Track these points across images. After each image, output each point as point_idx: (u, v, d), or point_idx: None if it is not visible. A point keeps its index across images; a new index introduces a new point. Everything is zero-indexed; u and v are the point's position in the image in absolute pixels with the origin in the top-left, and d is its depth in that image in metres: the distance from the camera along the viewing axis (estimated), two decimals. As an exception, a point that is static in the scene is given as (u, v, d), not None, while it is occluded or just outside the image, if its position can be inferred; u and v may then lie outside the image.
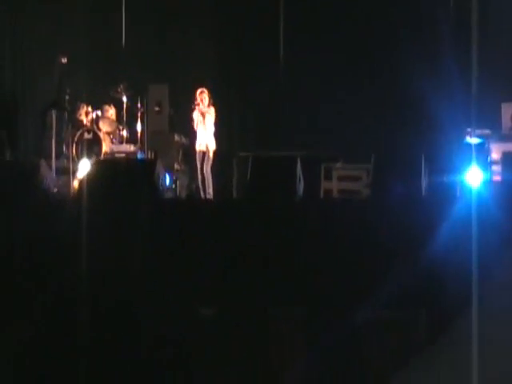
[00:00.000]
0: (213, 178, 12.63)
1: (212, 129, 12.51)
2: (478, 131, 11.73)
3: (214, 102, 12.66)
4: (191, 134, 12.88)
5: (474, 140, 11.48)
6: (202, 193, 12.46)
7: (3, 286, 3.26)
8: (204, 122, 12.44)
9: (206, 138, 12.46)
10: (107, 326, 2.01)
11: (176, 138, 13.37)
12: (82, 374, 2.05)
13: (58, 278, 2.19)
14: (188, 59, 14.24)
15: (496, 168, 11.25)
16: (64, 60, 13.30)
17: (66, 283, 2.15)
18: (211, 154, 12.49)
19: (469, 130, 11.84)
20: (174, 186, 12.44)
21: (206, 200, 11.82)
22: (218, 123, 12.66)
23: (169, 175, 12.00)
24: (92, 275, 2.07)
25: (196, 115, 12.45)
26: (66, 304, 2.11)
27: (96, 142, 13.07)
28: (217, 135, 12.72)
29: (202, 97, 12.45)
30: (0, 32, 15.17)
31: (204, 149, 12.46)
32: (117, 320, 2.04)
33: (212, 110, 12.48)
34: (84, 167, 11.22)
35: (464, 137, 11.86)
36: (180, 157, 13.21)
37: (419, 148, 10.96)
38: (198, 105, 12.40)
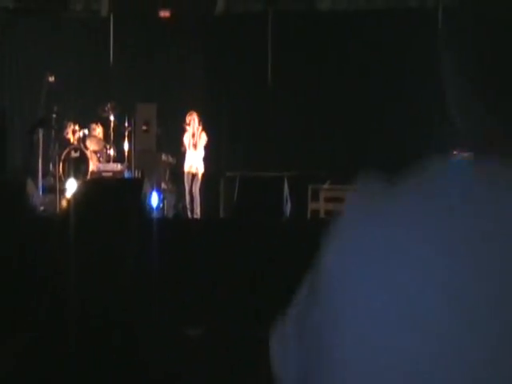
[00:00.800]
0: (200, 198, 12.66)
1: (202, 153, 12.59)
2: (464, 154, 11.77)
3: (204, 123, 12.74)
4: (180, 155, 12.93)
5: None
6: (189, 213, 12.48)
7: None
8: (194, 145, 12.52)
9: (195, 160, 12.52)
10: (94, 345, 1.99)
11: (163, 157, 13.39)
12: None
13: (45, 296, 2.18)
14: (177, 79, 14.28)
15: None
16: (51, 78, 13.30)
17: (54, 301, 2.14)
18: (200, 176, 12.58)
19: (455, 152, 11.88)
20: (161, 205, 12.44)
21: (193, 220, 11.83)
22: (208, 147, 12.73)
23: (157, 194, 12.00)
24: (80, 294, 2.06)
25: (186, 138, 12.54)
26: (53, 322, 2.09)
27: (83, 160, 13.04)
28: (205, 156, 12.78)
29: (192, 119, 12.54)
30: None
31: (194, 171, 12.53)
32: (103, 338, 2.02)
33: (203, 134, 12.57)
34: (71, 187, 11.21)
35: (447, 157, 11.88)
36: (167, 176, 13.22)
37: (406, 169, 11.00)
38: (189, 125, 12.49)
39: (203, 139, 12.57)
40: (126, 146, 13.42)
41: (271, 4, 14.91)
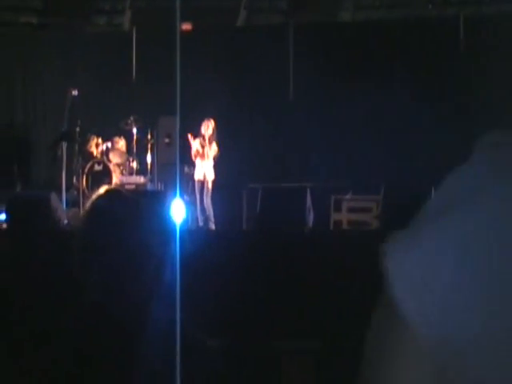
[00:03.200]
0: (222, 209, 12.66)
1: (211, 162, 12.57)
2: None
3: (222, 134, 12.74)
4: (191, 163, 12.96)
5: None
6: (201, 223, 12.48)
7: (13, 318, 3.27)
8: (203, 153, 12.52)
9: (204, 168, 12.53)
10: (109, 354, 2.00)
11: (186, 169, 13.43)
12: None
13: (68, 307, 2.20)
14: (198, 91, 14.32)
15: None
16: (75, 92, 13.40)
17: (76, 313, 2.16)
18: (210, 185, 12.55)
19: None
20: (184, 217, 12.46)
21: (216, 231, 11.83)
22: (216, 159, 12.68)
23: (186, 205, 12.04)
24: (100, 305, 2.08)
25: (196, 145, 12.56)
26: (75, 332, 2.12)
27: (106, 173, 13.11)
28: (227, 165, 12.80)
29: (207, 126, 12.56)
30: (11, 66, 15.36)
31: (202, 178, 12.53)
32: (121, 347, 2.03)
33: (214, 145, 12.54)
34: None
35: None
36: (189, 188, 13.24)
37: (428, 178, 10.97)
38: (202, 132, 12.52)
39: (213, 150, 12.56)
40: (148, 159, 13.47)
41: (292, 15, 14.95)
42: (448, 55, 13.38)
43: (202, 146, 12.55)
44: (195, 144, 12.58)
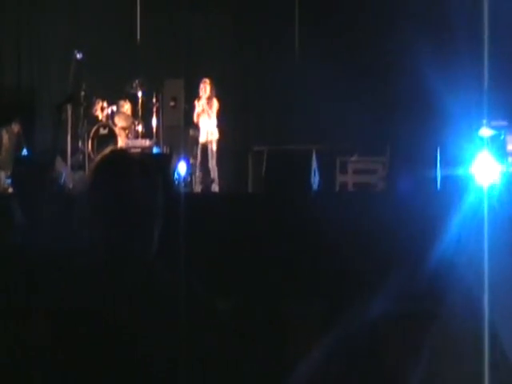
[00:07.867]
0: (228, 172, 12.67)
1: (214, 121, 12.57)
2: (494, 122, 11.66)
3: (227, 96, 12.71)
4: (193, 124, 12.95)
5: (488, 131, 11.38)
6: (199, 185, 12.51)
7: (13, 284, 3.29)
8: (205, 114, 12.53)
9: (207, 128, 12.54)
10: (114, 310, 2.02)
11: (191, 132, 13.41)
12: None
13: (70, 273, 2.20)
14: (203, 54, 14.25)
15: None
16: (79, 56, 13.34)
17: (80, 277, 2.17)
18: (215, 146, 12.55)
19: (484, 121, 11.75)
20: (189, 179, 12.48)
21: (222, 194, 11.86)
22: (220, 116, 12.68)
23: (191, 168, 12.07)
24: (104, 267, 2.09)
25: (197, 106, 12.59)
26: (78, 296, 2.13)
27: (111, 137, 13.10)
28: (231, 128, 12.77)
29: (204, 87, 12.56)
30: (17, 29, 15.28)
31: (206, 139, 12.55)
32: (127, 310, 2.04)
33: (214, 101, 12.55)
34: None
35: (478, 128, 11.77)
36: (194, 151, 13.23)
37: (434, 140, 10.92)
38: (202, 92, 12.54)
39: (215, 106, 12.58)
40: (154, 122, 13.45)
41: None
42: (450, 18, 13.19)
43: (203, 108, 12.58)
44: (197, 107, 12.60)
